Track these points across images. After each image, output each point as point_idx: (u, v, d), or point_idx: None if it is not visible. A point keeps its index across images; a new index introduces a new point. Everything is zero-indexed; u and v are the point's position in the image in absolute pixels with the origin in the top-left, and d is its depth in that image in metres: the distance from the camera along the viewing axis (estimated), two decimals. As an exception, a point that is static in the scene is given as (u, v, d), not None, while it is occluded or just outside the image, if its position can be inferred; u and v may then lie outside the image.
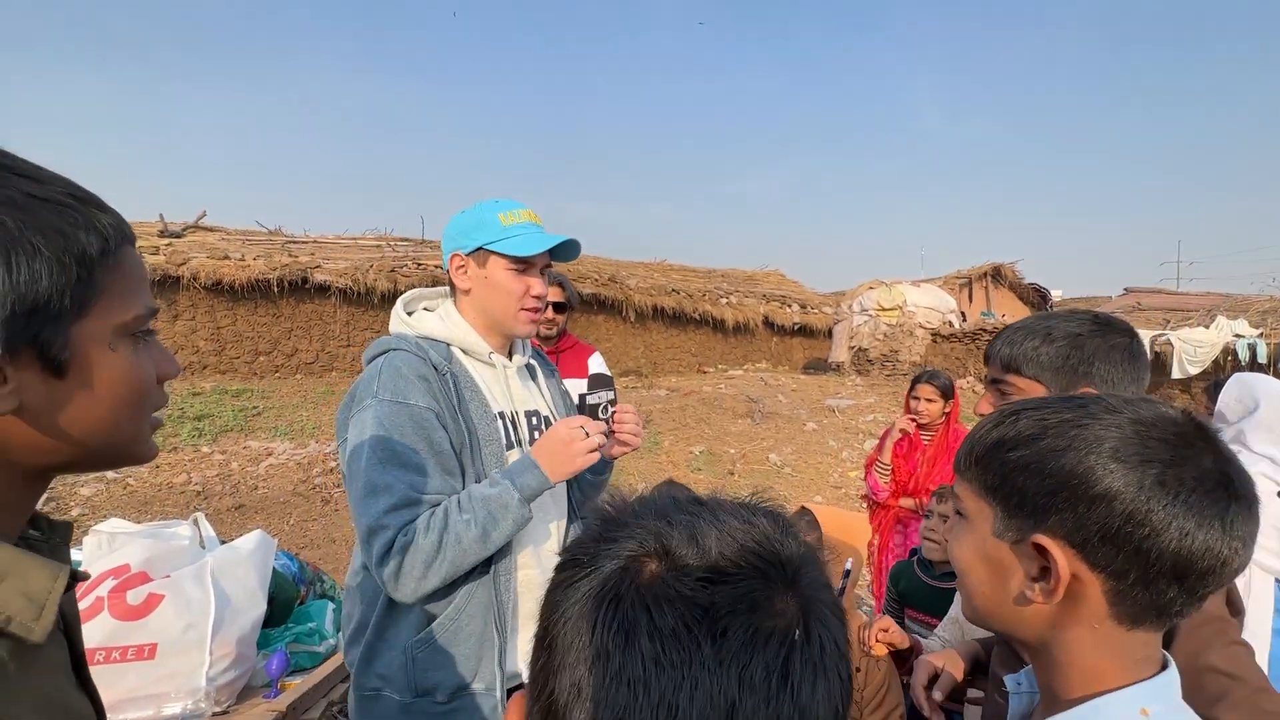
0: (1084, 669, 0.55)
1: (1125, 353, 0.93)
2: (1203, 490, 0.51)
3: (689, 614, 0.33)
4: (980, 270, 14.58)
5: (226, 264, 8.57)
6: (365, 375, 1.12)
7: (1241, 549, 0.51)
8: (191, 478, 5.44)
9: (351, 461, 1.06)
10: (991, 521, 0.58)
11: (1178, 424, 0.54)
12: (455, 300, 1.26)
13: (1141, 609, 0.53)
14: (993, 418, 0.61)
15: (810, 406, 8.48)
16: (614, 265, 12.86)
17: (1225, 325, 11.43)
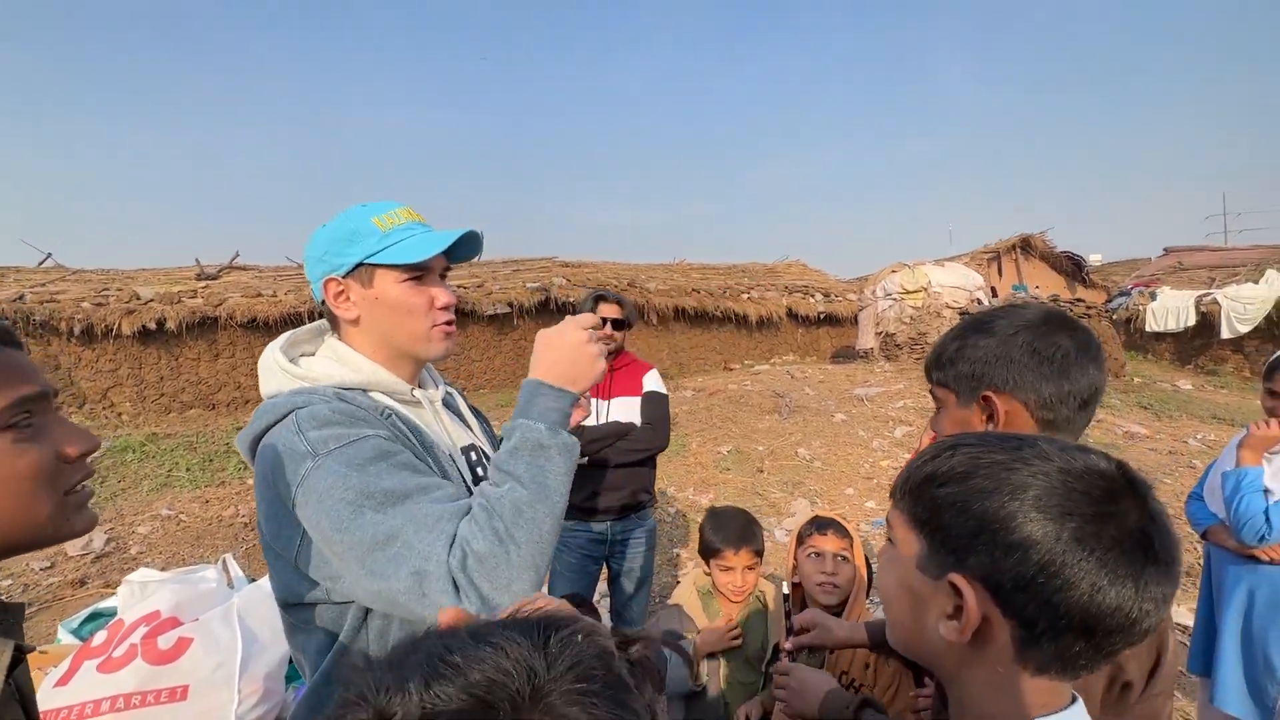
0: (979, 709, 0.56)
1: (1027, 348, 0.86)
2: (1120, 550, 0.51)
3: None
4: (1008, 243, 14.15)
5: (260, 301, 8.93)
6: (275, 452, 0.87)
7: (1154, 610, 0.51)
8: (239, 510, 5.67)
9: (332, 539, 0.82)
10: (917, 554, 0.59)
11: (1106, 477, 0.54)
12: (341, 335, 1.03)
13: (1047, 659, 0.54)
14: (932, 449, 0.61)
15: (838, 397, 8.36)
16: (633, 269, 12.91)
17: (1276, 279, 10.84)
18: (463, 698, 0.32)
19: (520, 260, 12.02)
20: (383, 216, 1.00)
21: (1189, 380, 10.38)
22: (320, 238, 1.01)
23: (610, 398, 2.56)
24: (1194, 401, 8.52)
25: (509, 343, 10.27)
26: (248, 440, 0.95)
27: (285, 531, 0.89)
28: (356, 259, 0.98)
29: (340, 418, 0.90)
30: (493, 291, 10.14)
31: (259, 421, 0.93)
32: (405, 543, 0.81)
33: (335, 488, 0.83)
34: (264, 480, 0.90)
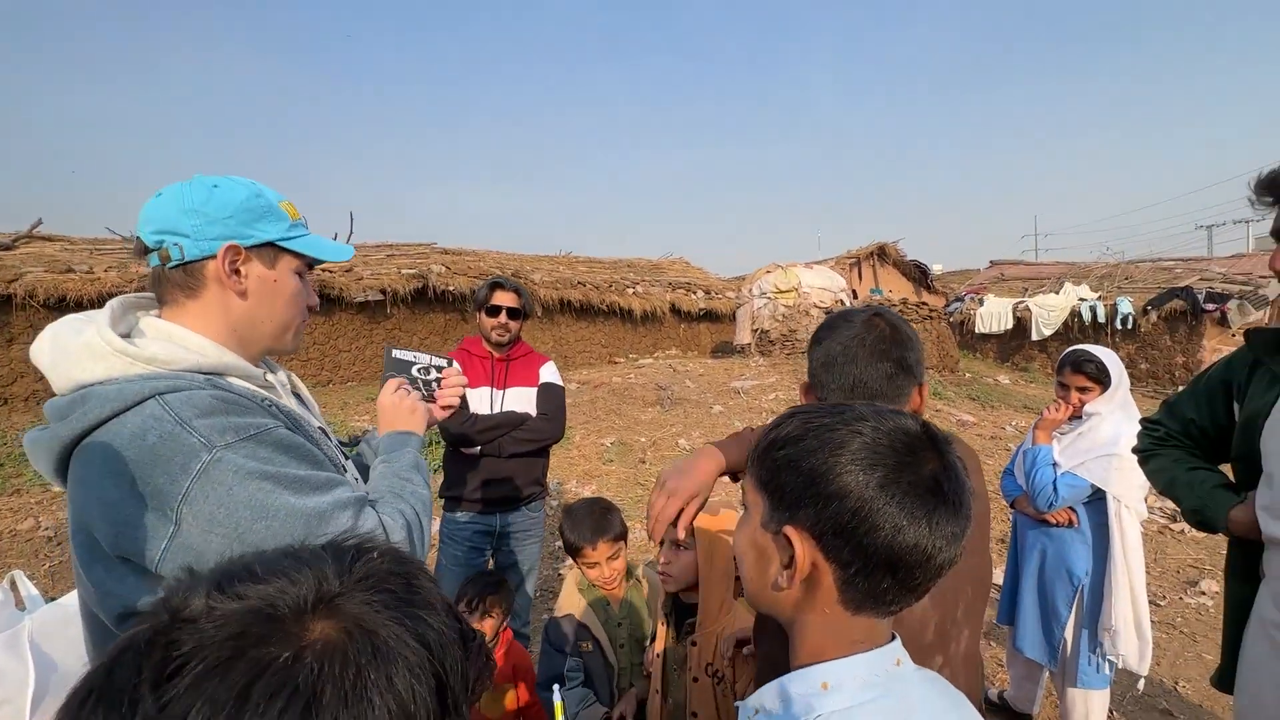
0: (810, 645, 0.63)
1: (826, 352, 1.01)
2: (915, 494, 0.58)
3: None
4: (867, 250, 15.55)
5: (70, 278, 7.62)
6: (140, 445, 0.79)
7: (945, 547, 0.59)
8: (40, 522, 4.83)
9: (251, 529, 0.80)
10: (761, 513, 0.64)
11: (909, 434, 0.61)
12: (170, 314, 0.95)
13: (863, 596, 0.60)
14: (777, 419, 0.68)
15: (717, 390, 8.73)
16: (517, 260, 12.61)
17: (1071, 291, 12.88)
18: (249, 600, 0.36)
19: (395, 245, 11.29)
20: (284, 204, 1.00)
21: (1007, 375, 12.03)
22: (220, 198, 0.93)
23: (505, 387, 2.52)
24: (1011, 394, 9.89)
25: (381, 332, 9.61)
26: (68, 434, 0.82)
27: (145, 533, 0.79)
28: (269, 237, 0.97)
29: (226, 406, 0.85)
30: (364, 277, 9.43)
31: (88, 411, 0.81)
32: (333, 520, 0.85)
33: (252, 476, 0.81)
34: (113, 478, 0.79)
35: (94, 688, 0.34)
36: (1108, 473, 2.20)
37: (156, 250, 0.92)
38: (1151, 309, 11.53)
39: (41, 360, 0.88)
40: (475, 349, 2.59)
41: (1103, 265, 14.76)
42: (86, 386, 0.84)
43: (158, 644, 0.34)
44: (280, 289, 0.99)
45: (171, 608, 0.36)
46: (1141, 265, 13.80)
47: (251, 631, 0.34)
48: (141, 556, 0.80)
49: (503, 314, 2.48)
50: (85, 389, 0.84)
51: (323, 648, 0.35)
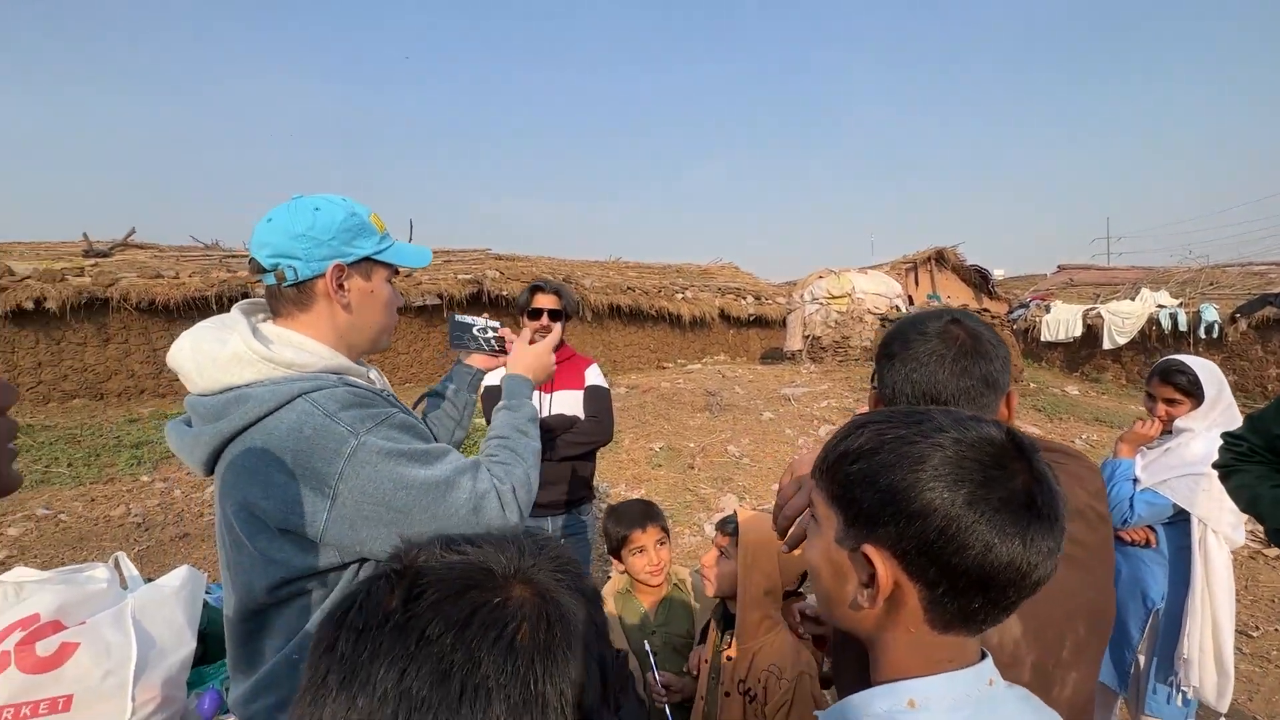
0: (893, 664, 0.61)
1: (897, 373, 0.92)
2: (1007, 510, 0.55)
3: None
4: (924, 255, 15.06)
5: (159, 283, 8.21)
6: (299, 436, 0.94)
7: (1041, 563, 0.56)
8: (130, 509, 5.20)
9: (395, 496, 0.95)
10: (835, 528, 0.62)
11: (995, 444, 0.58)
12: (285, 323, 1.07)
13: (951, 616, 0.58)
14: (844, 429, 0.65)
15: (766, 396, 8.62)
16: (568, 265, 12.81)
17: (1149, 297, 12.11)
18: (469, 556, 0.46)
19: (452, 251, 11.66)
20: (372, 216, 1.10)
21: (1075, 386, 11.41)
22: (323, 221, 1.04)
23: (553, 391, 2.52)
24: (1080, 405, 9.38)
25: (438, 335, 9.94)
26: (230, 429, 0.97)
27: (309, 508, 0.94)
28: (365, 252, 1.07)
29: (359, 399, 1.00)
30: (422, 282, 9.78)
31: (248, 410, 0.96)
32: (457, 486, 1.00)
33: (389, 455, 0.96)
34: (277, 465, 0.94)
35: (356, 600, 0.43)
36: (1194, 494, 2.06)
37: (272, 271, 1.05)
38: (1240, 317, 10.72)
39: (183, 365, 1.02)
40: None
41: (1184, 270, 13.81)
42: (235, 389, 0.99)
43: (406, 575, 0.44)
44: (377, 298, 1.11)
45: (411, 555, 0.46)
46: (1229, 270, 12.84)
47: (473, 577, 0.44)
48: (305, 528, 0.95)
49: (544, 316, 2.47)
50: (239, 391, 0.98)
51: (523, 603, 0.44)
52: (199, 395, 1.02)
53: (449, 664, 0.39)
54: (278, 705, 1.00)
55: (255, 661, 1.03)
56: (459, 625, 0.41)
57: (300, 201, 1.07)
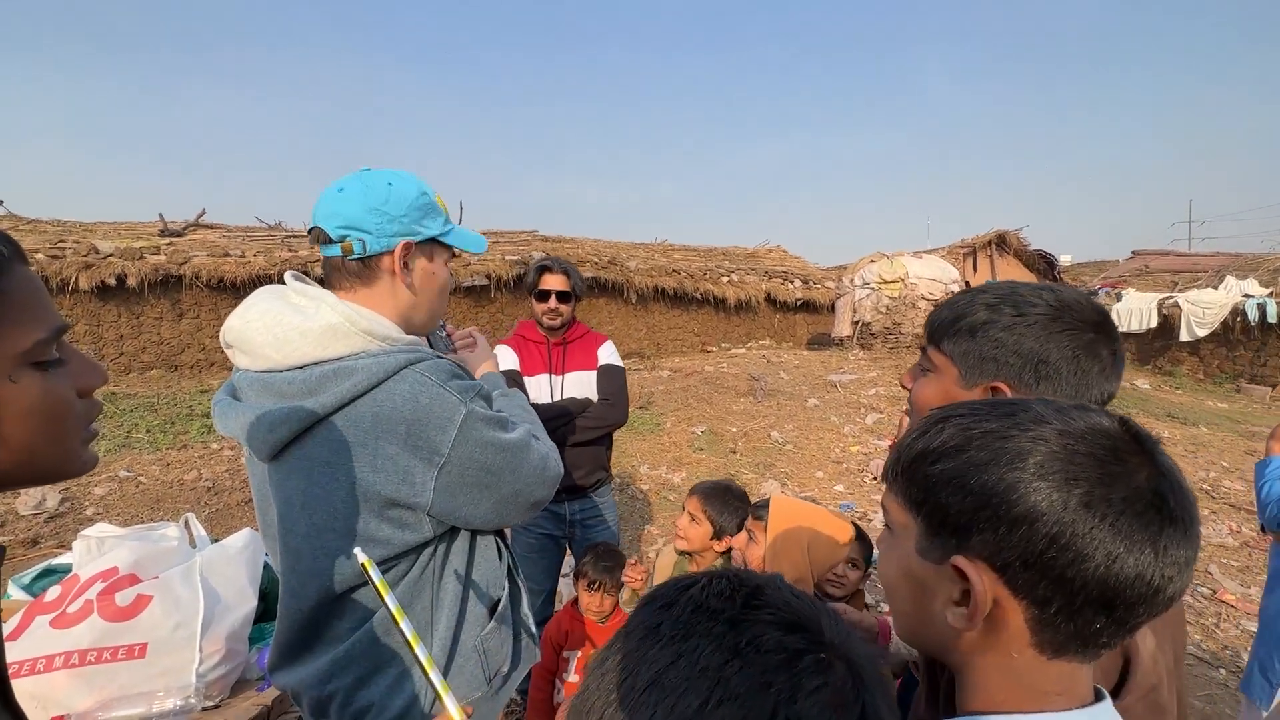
0: (985, 693, 0.53)
1: (1068, 350, 0.77)
2: (1133, 512, 0.47)
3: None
4: (984, 239, 14.36)
5: (228, 261, 8.64)
6: (415, 405, 0.94)
7: (1177, 576, 0.48)
8: (202, 474, 5.54)
9: (495, 459, 1.01)
10: (915, 538, 0.54)
11: (1110, 436, 0.50)
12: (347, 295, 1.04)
13: (1065, 639, 0.50)
14: (921, 425, 0.57)
15: (812, 383, 8.46)
16: (614, 247, 12.81)
17: (1234, 285, 11.24)
18: (803, 604, 0.46)
19: (500, 232, 11.82)
20: (438, 197, 1.09)
21: (1147, 380, 10.75)
22: (396, 197, 1.02)
23: (565, 372, 2.45)
24: (1150, 400, 8.84)
25: (486, 315, 10.14)
26: (333, 403, 0.93)
27: (420, 479, 0.96)
28: (433, 233, 1.06)
29: (455, 371, 1.02)
30: (470, 263, 9.97)
31: (357, 383, 0.93)
32: (531, 448, 1.06)
33: (486, 422, 1.00)
34: (389, 436, 0.93)
35: (698, 580, 0.46)
36: None
37: (339, 242, 1.00)
38: (1340, 308, 9.83)
39: (253, 338, 0.97)
40: (530, 334, 2.50)
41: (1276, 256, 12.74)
42: (328, 362, 0.94)
43: (748, 583, 0.46)
44: (437, 280, 1.10)
45: (748, 572, 0.48)
46: (1328, 257, 11.78)
47: (806, 620, 0.44)
48: (415, 499, 0.96)
49: (552, 298, 2.39)
50: (339, 364, 0.94)
51: (846, 678, 0.42)
52: (273, 370, 0.96)
53: (769, 680, 0.39)
54: (358, 682, 1.00)
55: (324, 641, 1.02)
56: (789, 653, 0.41)
57: (372, 175, 1.03)
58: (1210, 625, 3.37)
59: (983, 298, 0.83)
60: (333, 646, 1.01)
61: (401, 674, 1.01)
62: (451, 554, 1.06)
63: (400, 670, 1.01)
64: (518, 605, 1.20)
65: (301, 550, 1.00)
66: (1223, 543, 4.28)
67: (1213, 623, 3.41)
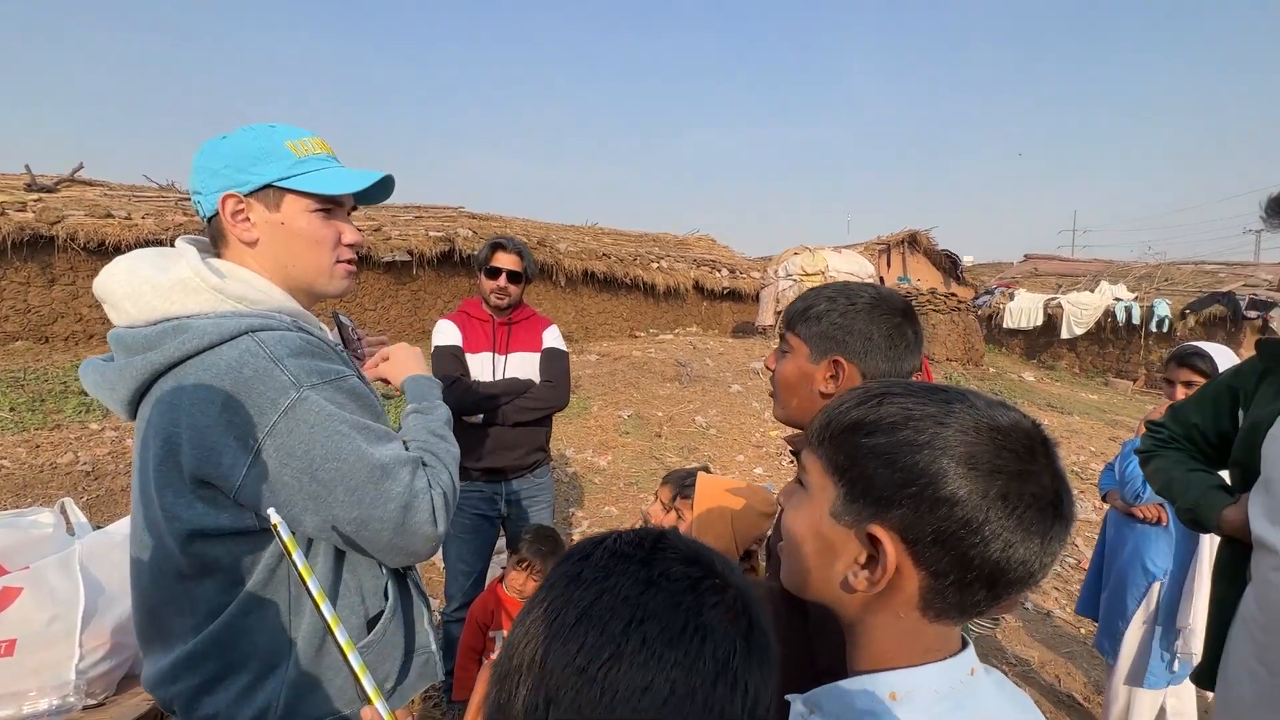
0: (875, 649, 0.58)
1: (884, 331, 0.96)
2: (1036, 508, 0.52)
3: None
4: (898, 237, 15.25)
5: (110, 223, 7.80)
6: (236, 376, 0.84)
7: (1050, 563, 0.54)
8: (79, 456, 5.02)
9: (322, 467, 0.86)
10: (831, 500, 0.57)
11: (1030, 436, 0.54)
12: (228, 259, 0.97)
13: (949, 607, 0.55)
14: (856, 395, 0.60)
15: (736, 369, 8.71)
16: (544, 228, 12.58)
17: (1108, 290, 12.53)
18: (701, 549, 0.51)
19: (424, 207, 11.33)
20: (296, 142, 0.97)
21: (1032, 373, 11.82)
22: (220, 149, 0.95)
23: (508, 352, 2.45)
24: (1034, 391, 9.73)
25: (407, 293, 9.72)
26: (162, 361, 0.86)
27: (228, 459, 0.85)
28: (266, 179, 0.94)
29: (312, 349, 0.91)
30: (391, 237, 9.51)
31: (187, 341, 0.86)
32: (395, 477, 0.90)
33: (331, 419, 0.87)
34: (205, 405, 0.84)
35: (608, 536, 0.51)
36: None
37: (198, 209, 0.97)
38: (1190, 313, 11.19)
39: (114, 291, 0.91)
40: (475, 312, 2.47)
41: (1142, 265, 14.29)
42: (175, 319, 0.88)
43: (652, 531, 0.51)
44: (290, 229, 0.97)
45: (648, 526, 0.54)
46: (1183, 267, 13.34)
47: (705, 559, 0.50)
48: (223, 481, 0.85)
49: (502, 276, 2.37)
50: (178, 321, 0.88)
51: (737, 601, 0.48)
52: (128, 327, 0.91)
53: (679, 600, 0.45)
54: (202, 687, 0.91)
55: (169, 636, 0.94)
56: (693, 579, 0.47)
57: (225, 135, 0.97)
58: (1074, 591, 3.79)
59: (824, 292, 1.02)
60: (177, 644, 0.92)
61: (253, 682, 0.91)
62: (314, 558, 0.93)
63: (252, 678, 0.91)
64: (412, 622, 1.06)
65: (136, 521, 0.94)
66: (1087, 518, 4.81)
67: (1076, 589, 3.83)
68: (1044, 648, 3.28)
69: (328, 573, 0.94)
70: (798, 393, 1.00)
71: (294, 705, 0.92)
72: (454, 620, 2.45)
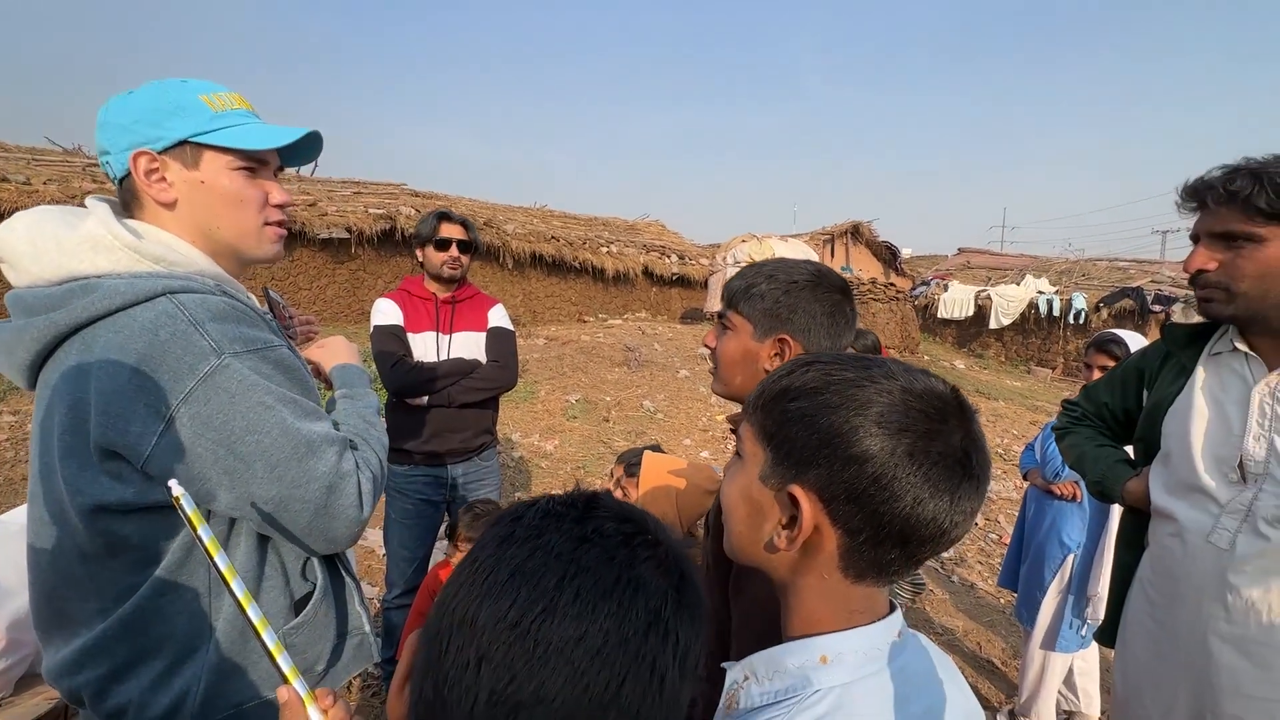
0: (806, 613, 0.60)
1: (826, 309, 0.99)
2: (943, 465, 0.54)
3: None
4: (842, 228, 15.66)
5: (5, 188, 7.10)
6: (150, 339, 0.79)
7: (962, 522, 0.55)
8: (-29, 443, 4.59)
9: (241, 440, 0.81)
10: (761, 465, 0.60)
11: (941, 399, 0.56)
12: (144, 220, 0.92)
13: (866, 565, 0.57)
14: (787, 365, 0.62)
15: (684, 355, 8.79)
16: (490, 209, 12.28)
17: (1031, 283, 13.29)
18: (635, 509, 0.53)
19: (363, 183, 10.84)
20: (212, 96, 0.91)
21: (963, 361, 12.45)
22: (129, 104, 0.89)
23: (452, 332, 2.36)
24: (964, 378, 10.25)
25: (345, 272, 9.30)
26: (67, 322, 0.81)
27: (137, 428, 0.79)
28: (180, 135, 0.88)
29: (237, 315, 0.86)
30: (328, 213, 9.05)
31: (95, 301, 0.80)
32: (321, 455, 0.85)
33: (254, 389, 0.82)
34: (113, 368, 0.79)
35: (539, 500, 0.51)
36: None
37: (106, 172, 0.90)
38: (1103, 306, 12.02)
39: (14, 247, 0.84)
40: (417, 290, 2.38)
41: (1063, 261, 15.23)
42: (84, 279, 0.82)
43: (584, 494, 0.52)
44: (210, 188, 0.91)
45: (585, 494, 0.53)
46: (1099, 264, 14.29)
47: (637, 518, 0.51)
48: (130, 450, 0.80)
49: (453, 246, 2.30)
50: (88, 281, 0.82)
51: (669, 557, 0.49)
52: (33, 286, 0.84)
53: (612, 554, 0.46)
54: (111, 675, 0.86)
55: (72, 623, 0.87)
56: (625, 535, 0.48)
57: (132, 91, 0.91)
58: (995, 565, 4.03)
59: (764, 269, 1.03)
60: (82, 630, 0.86)
61: (169, 668, 0.86)
62: (237, 536, 0.89)
63: (168, 663, 0.86)
64: (344, 602, 1.03)
65: (35, 498, 0.87)
66: (1009, 497, 5.12)
67: (997, 563, 4.08)
68: (967, 618, 3.48)
69: (251, 550, 0.90)
70: (742, 370, 1.02)
71: (215, 691, 0.87)
72: (395, 607, 2.38)
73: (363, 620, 1.05)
